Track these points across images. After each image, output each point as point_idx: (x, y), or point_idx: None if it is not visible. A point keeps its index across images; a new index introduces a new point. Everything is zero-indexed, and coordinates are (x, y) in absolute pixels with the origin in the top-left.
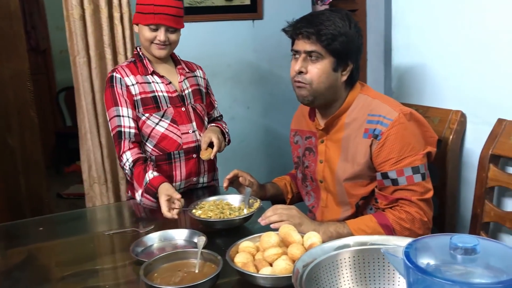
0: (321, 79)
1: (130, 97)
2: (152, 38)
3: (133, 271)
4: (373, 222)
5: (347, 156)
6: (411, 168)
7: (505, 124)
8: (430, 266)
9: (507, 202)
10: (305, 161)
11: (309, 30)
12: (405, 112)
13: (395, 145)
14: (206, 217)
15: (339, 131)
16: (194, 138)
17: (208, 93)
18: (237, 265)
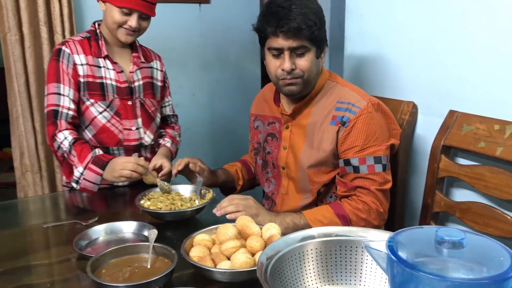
0: (311, 70)
1: (76, 77)
2: (122, 22)
3: (77, 267)
4: (330, 213)
5: (313, 142)
6: (373, 158)
7: (457, 116)
8: (415, 260)
9: (457, 192)
10: (266, 147)
11: (289, 27)
12: (373, 102)
13: (361, 133)
14: (156, 208)
15: (305, 117)
16: (137, 136)
17: (164, 87)
18: (193, 259)
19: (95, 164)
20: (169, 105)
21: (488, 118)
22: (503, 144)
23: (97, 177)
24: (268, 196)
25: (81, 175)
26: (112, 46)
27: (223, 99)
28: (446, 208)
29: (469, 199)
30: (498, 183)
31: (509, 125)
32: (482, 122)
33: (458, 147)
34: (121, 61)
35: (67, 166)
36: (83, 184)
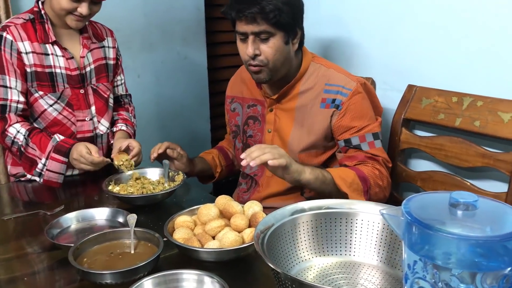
0: (276, 56)
1: (22, 67)
2: (72, 9)
3: (50, 257)
4: (352, 173)
5: (303, 126)
6: (372, 134)
7: (415, 90)
8: (431, 222)
9: (418, 163)
10: (247, 130)
11: (253, 11)
12: (361, 81)
13: (356, 113)
14: (127, 193)
15: (292, 100)
16: (90, 127)
17: (117, 65)
18: (179, 241)
19: (57, 153)
20: (122, 84)
21: (446, 91)
22: (462, 115)
23: (61, 166)
24: (246, 175)
25: (43, 166)
26: (59, 28)
27: (169, 80)
28: (408, 178)
29: (430, 168)
30: (457, 152)
31: (466, 97)
32: (440, 95)
33: (418, 119)
34: (70, 44)
35: (26, 161)
36: (47, 176)
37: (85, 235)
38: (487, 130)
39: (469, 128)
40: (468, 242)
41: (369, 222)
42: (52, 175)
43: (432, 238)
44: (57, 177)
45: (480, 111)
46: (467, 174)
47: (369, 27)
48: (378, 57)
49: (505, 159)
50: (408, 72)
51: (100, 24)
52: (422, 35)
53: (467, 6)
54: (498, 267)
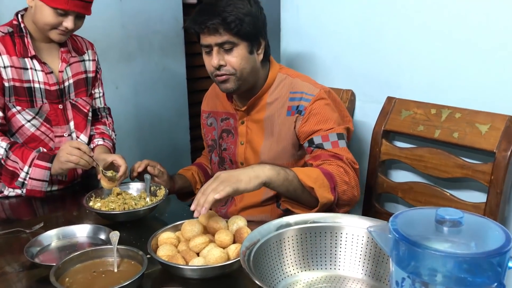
0: (242, 65)
1: (0, 81)
2: (57, 24)
3: (28, 277)
4: (316, 171)
5: (272, 135)
6: (336, 134)
7: (395, 102)
8: (419, 239)
9: (398, 174)
10: (222, 143)
11: (214, 22)
12: (325, 89)
13: (319, 116)
14: (109, 209)
15: (260, 111)
16: None
17: (95, 78)
18: (163, 258)
19: (41, 159)
20: (100, 96)
21: (425, 103)
22: (441, 126)
23: (45, 172)
24: None
25: (26, 175)
26: (38, 41)
27: (147, 91)
28: (389, 189)
29: (410, 179)
30: (437, 163)
31: (445, 109)
32: (419, 107)
33: (397, 131)
34: (50, 58)
35: (6, 173)
36: (30, 184)
37: (67, 253)
38: (466, 142)
39: (448, 139)
40: (455, 259)
41: (354, 236)
42: (35, 183)
43: (420, 255)
44: (40, 185)
45: (459, 123)
46: (447, 185)
47: (348, 39)
48: (357, 69)
49: (483, 170)
50: (388, 84)
51: (80, 37)
52: (401, 47)
53: (446, 19)
54: (484, 283)
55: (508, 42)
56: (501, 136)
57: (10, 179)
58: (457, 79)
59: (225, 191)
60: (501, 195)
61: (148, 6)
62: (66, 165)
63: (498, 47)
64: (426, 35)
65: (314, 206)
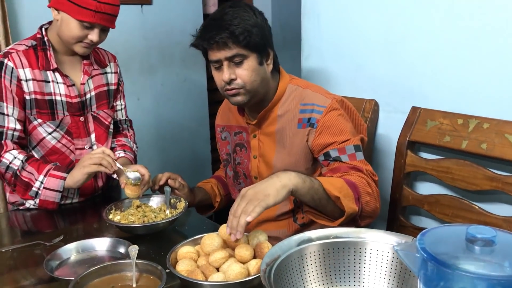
0: (252, 78)
1: (20, 94)
2: (83, 37)
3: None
4: (340, 180)
5: (284, 147)
6: (353, 146)
7: (420, 112)
8: (448, 259)
9: (424, 186)
10: (236, 157)
11: (223, 36)
12: (337, 98)
13: (333, 129)
14: (128, 222)
15: (271, 124)
16: None
17: (117, 90)
18: (182, 273)
19: (57, 170)
20: (122, 109)
21: (451, 113)
22: (468, 137)
23: (59, 182)
24: None
25: (41, 184)
26: (61, 54)
27: (169, 102)
28: (414, 202)
29: (437, 192)
30: (464, 175)
31: (472, 119)
32: (445, 117)
33: (423, 142)
34: (72, 71)
35: (21, 184)
36: (43, 194)
37: (86, 267)
38: (494, 153)
39: (476, 150)
40: (487, 281)
41: (379, 252)
42: (49, 193)
43: (449, 276)
44: (54, 195)
45: (487, 134)
46: (475, 197)
47: (371, 48)
48: (381, 78)
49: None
50: (412, 94)
51: (103, 49)
52: (425, 56)
53: (471, 27)
54: None
55: None
56: None
57: (24, 190)
58: (484, 88)
59: (256, 211)
60: None
61: (169, 17)
62: (87, 169)
63: None
64: (451, 43)
65: (337, 217)
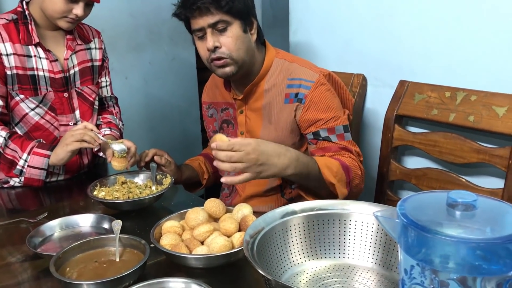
0: (237, 46)
1: (1, 69)
2: (67, 12)
3: (34, 267)
4: (336, 163)
5: (270, 122)
6: (342, 126)
7: (408, 85)
8: (429, 224)
9: (411, 160)
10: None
11: (205, 1)
12: (324, 73)
13: (321, 105)
14: (113, 198)
15: (258, 99)
16: None
17: (102, 66)
18: (166, 247)
19: (41, 147)
20: (107, 85)
21: (439, 86)
22: (455, 110)
23: (44, 160)
24: None
25: (25, 162)
26: (43, 29)
27: (157, 81)
28: (402, 176)
29: (424, 165)
30: (452, 148)
31: (460, 92)
32: (433, 90)
33: (411, 115)
34: (55, 46)
35: (5, 162)
36: (28, 172)
37: (69, 243)
38: (482, 125)
39: (463, 123)
40: (468, 245)
41: (363, 223)
42: (34, 171)
43: (430, 241)
44: (39, 173)
45: (474, 106)
46: (463, 171)
47: (359, 23)
48: (369, 53)
49: (500, 154)
50: (400, 68)
51: (87, 25)
52: (413, 30)
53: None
54: (500, 271)
55: None
56: None
57: (8, 167)
58: (472, 60)
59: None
60: None
61: None
62: (70, 146)
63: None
64: (439, 17)
65: (328, 194)
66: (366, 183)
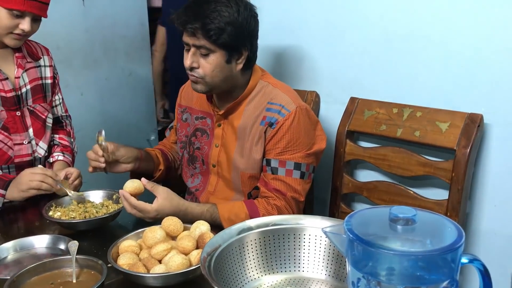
0: (214, 73)
1: None
2: (13, 27)
3: None
4: (244, 214)
5: (243, 150)
6: (293, 163)
7: (358, 102)
8: (373, 238)
9: (363, 173)
10: (195, 141)
11: (194, 26)
12: (302, 107)
13: (286, 136)
14: (69, 218)
15: (237, 117)
16: (29, 150)
17: (54, 84)
18: (124, 267)
19: None
20: (60, 103)
21: (387, 103)
22: (402, 125)
23: None
24: (190, 191)
25: None
26: None
27: (114, 98)
28: (354, 189)
29: (375, 178)
30: (400, 162)
31: (406, 108)
32: (381, 107)
33: (361, 131)
34: (4, 64)
35: None
36: None
37: (24, 265)
38: (427, 140)
39: (410, 138)
40: (410, 257)
41: (317, 237)
42: None
43: (374, 255)
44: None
45: (420, 122)
46: (410, 183)
47: (312, 41)
48: (322, 70)
49: (444, 167)
50: (350, 85)
51: (34, 42)
52: (362, 48)
53: (405, 21)
54: (439, 280)
55: (466, 41)
56: (460, 133)
57: None
58: (417, 78)
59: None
60: (462, 191)
61: (113, 10)
62: (27, 194)
63: (457, 47)
64: (386, 36)
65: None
66: (321, 195)
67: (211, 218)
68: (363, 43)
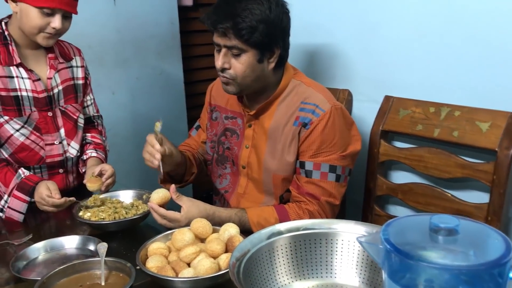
0: (246, 73)
1: None
2: (45, 26)
3: None
4: (274, 218)
5: (274, 151)
6: (328, 165)
7: (392, 101)
8: (412, 250)
9: (398, 175)
10: (225, 141)
11: (225, 26)
12: (337, 106)
13: (319, 137)
14: (99, 219)
15: (268, 117)
16: (60, 151)
17: (85, 84)
18: (152, 270)
19: (20, 190)
20: (92, 104)
21: (423, 102)
22: (440, 125)
23: (23, 205)
24: (219, 192)
25: (5, 203)
26: (24, 48)
27: (144, 96)
28: (389, 191)
29: (410, 180)
30: (437, 163)
31: (444, 107)
32: (417, 106)
33: (396, 131)
34: (36, 65)
35: None
36: (8, 213)
37: (54, 266)
38: (466, 140)
39: (448, 138)
40: (451, 272)
41: (350, 242)
42: (13, 213)
43: (413, 267)
44: (17, 216)
45: (458, 121)
46: (448, 185)
47: (345, 39)
48: (355, 68)
49: (484, 169)
50: (385, 83)
51: (67, 43)
52: (398, 45)
53: (443, 17)
54: None
55: (508, 37)
56: (502, 133)
57: None
58: (456, 76)
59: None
60: (504, 195)
61: (143, 10)
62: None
63: (497, 43)
64: (424, 32)
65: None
66: (354, 197)
67: (240, 222)
68: (398, 40)
